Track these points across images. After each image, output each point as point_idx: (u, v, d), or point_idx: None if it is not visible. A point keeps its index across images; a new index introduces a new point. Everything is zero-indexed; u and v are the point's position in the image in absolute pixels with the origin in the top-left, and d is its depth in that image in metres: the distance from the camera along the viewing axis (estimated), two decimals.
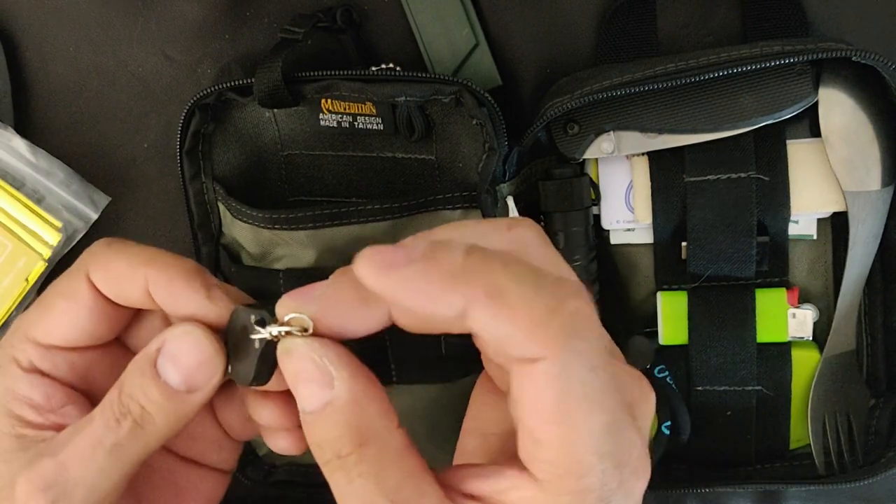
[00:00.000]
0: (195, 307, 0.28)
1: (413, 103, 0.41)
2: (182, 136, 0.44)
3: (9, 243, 0.46)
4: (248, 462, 0.49)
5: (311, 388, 0.24)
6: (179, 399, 0.27)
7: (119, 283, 0.28)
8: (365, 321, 0.24)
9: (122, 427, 0.26)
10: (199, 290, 0.28)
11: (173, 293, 0.28)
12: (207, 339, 0.27)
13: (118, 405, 0.27)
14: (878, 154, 0.40)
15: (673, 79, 0.38)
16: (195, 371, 0.27)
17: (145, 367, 0.27)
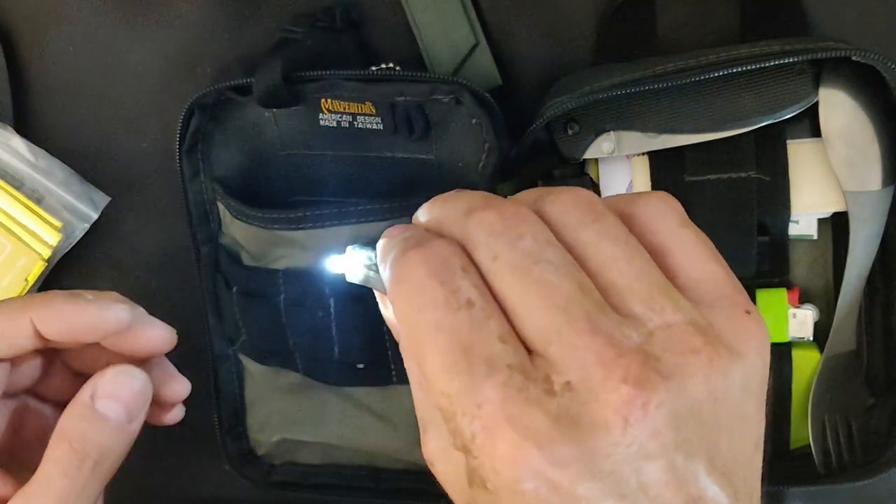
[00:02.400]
0: (91, 320, 0.30)
1: (413, 103, 0.41)
2: (181, 136, 0.44)
3: (8, 243, 0.46)
4: (247, 463, 0.49)
5: None
6: (127, 430, 0.30)
7: (3, 341, 0.30)
8: None
9: (82, 472, 0.29)
10: (87, 305, 0.31)
11: (65, 321, 0.30)
12: (138, 372, 0.31)
13: (73, 455, 0.29)
14: (879, 154, 0.40)
15: (673, 79, 0.38)
16: (134, 403, 0.30)
17: (88, 413, 0.30)
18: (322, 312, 0.44)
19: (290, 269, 0.44)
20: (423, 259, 0.23)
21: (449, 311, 0.22)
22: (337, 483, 0.48)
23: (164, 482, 0.53)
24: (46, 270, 0.48)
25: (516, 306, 0.22)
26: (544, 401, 0.21)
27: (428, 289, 0.23)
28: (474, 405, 0.21)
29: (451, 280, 0.23)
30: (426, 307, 0.22)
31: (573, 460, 0.20)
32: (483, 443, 0.21)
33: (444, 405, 0.22)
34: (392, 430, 0.46)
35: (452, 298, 0.22)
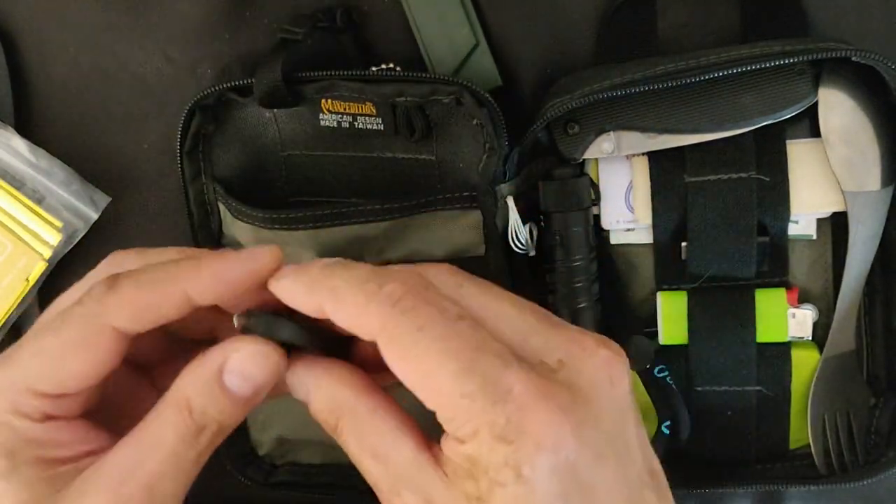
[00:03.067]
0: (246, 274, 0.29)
1: (413, 103, 0.41)
2: (182, 137, 0.44)
3: (9, 243, 0.46)
4: (248, 463, 0.49)
5: (300, 395, 0.29)
6: (250, 403, 0.29)
7: (150, 314, 0.29)
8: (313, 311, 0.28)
9: (201, 441, 0.28)
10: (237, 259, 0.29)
11: (223, 283, 0.29)
12: (277, 356, 0.29)
13: (192, 423, 0.28)
14: (878, 154, 0.40)
15: (673, 79, 0.38)
16: (264, 384, 0.29)
17: (214, 386, 0.28)
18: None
19: None
20: (414, 285, 0.25)
21: (448, 323, 0.25)
22: (338, 483, 0.48)
23: None
24: (47, 270, 0.48)
25: (491, 315, 0.26)
26: (553, 377, 0.24)
27: (424, 309, 0.25)
28: (504, 392, 0.23)
29: (437, 301, 0.25)
30: (427, 325, 0.24)
31: (586, 424, 0.23)
32: (520, 422, 0.23)
33: (465, 406, 0.23)
34: None
35: (447, 314, 0.25)
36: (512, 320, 0.26)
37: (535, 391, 0.23)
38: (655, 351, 0.43)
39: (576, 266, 0.42)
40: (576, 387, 0.24)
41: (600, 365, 0.25)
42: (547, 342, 0.25)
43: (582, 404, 0.24)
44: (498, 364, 0.24)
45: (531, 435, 0.23)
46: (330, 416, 0.28)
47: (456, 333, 0.24)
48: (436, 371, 0.24)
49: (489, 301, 0.26)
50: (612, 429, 0.24)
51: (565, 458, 0.23)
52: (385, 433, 0.27)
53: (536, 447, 0.23)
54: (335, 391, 0.28)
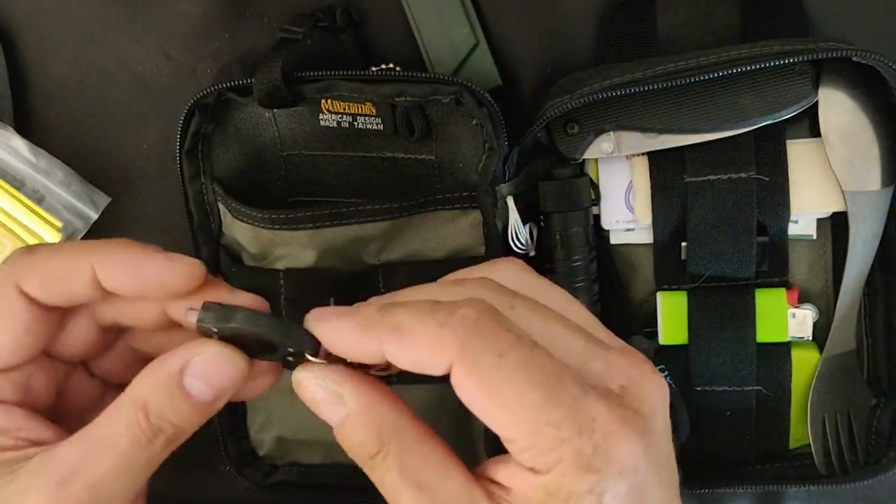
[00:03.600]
0: (157, 272, 0.28)
1: (413, 103, 0.41)
2: (182, 137, 0.44)
3: (9, 243, 0.46)
4: (247, 463, 0.49)
5: (328, 409, 0.27)
6: (209, 409, 0.28)
7: (60, 283, 0.28)
8: (365, 353, 0.27)
9: (155, 445, 0.27)
10: (155, 255, 0.28)
11: (128, 269, 0.28)
12: (241, 360, 0.28)
13: (147, 426, 0.27)
14: (878, 154, 0.40)
15: (673, 79, 0.38)
16: (226, 389, 0.28)
17: (173, 388, 0.27)
18: None
19: (290, 270, 0.44)
20: (485, 312, 0.25)
21: (528, 351, 0.24)
22: (338, 483, 0.48)
23: (165, 483, 0.52)
24: None
25: (548, 339, 0.25)
26: (624, 403, 0.25)
27: (504, 335, 0.24)
28: (589, 420, 0.23)
29: (511, 326, 0.25)
30: (508, 351, 0.24)
31: (651, 450, 0.24)
32: (607, 450, 0.23)
33: (550, 435, 0.23)
34: None
35: (525, 342, 0.24)
36: (568, 344, 0.26)
37: (617, 420, 0.24)
38: (655, 351, 0.43)
39: (576, 266, 0.42)
40: (641, 411, 0.25)
41: (657, 389, 0.26)
42: (608, 367, 0.25)
43: (649, 428, 0.25)
44: (579, 393, 0.24)
45: (617, 463, 0.23)
46: (373, 438, 0.27)
47: (536, 361, 0.24)
48: (519, 399, 0.24)
49: (543, 324, 0.26)
50: (664, 448, 0.25)
51: (639, 482, 0.24)
52: (433, 462, 0.26)
53: (620, 474, 0.24)
54: (385, 411, 0.27)
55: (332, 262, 0.44)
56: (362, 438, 0.27)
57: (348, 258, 0.44)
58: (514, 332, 0.25)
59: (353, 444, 0.27)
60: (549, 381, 0.24)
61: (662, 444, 0.25)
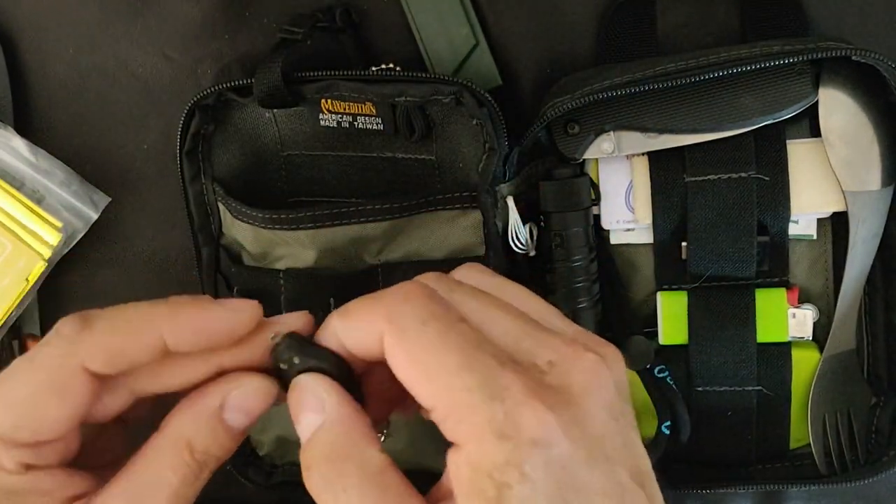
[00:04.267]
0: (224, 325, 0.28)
1: (413, 103, 0.41)
2: (182, 137, 0.44)
3: (9, 243, 0.46)
4: (249, 463, 0.49)
5: (307, 417, 0.27)
6: (244, 435, 0.29)
7: (127, 357, 0.28)
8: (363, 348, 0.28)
9: (201, 479, 0.28)
10: (216, 308, 0.29)
11: (197, 331, 0.28)
12: (274, 388, 0.29)
13: (194, 463, 0.28)
14: (878, 154, 0.40)
15: (673, 79, 0.38)
16: (262, 413, 0.29)
17: (216, 425, 0.28)
18: (323, 312, 0.43)
19: (290, 270, 0.44)
20: (418, 287, 0.26)
21: (451, 321, 0.25)
22: None
23: None
24: (47, 271, 0.48)
25: (485, 319, 0.26)
26: (543, 379, 0.25)
27: (430, 306, 0.26)
28: (501, 388, 0.24)
29: (443, 302, 0.26)
30: (430, 319, 0.25)
31: (574, 424, 0.24)
32: (516, 418, 0.23)
33: (464, 399, 0.24)
34: (393, 429, 0.46)
35: (450, 314, 0.26)
36: (501, 325, 0.26)
37: (527, 390, 0.24)
38: (655, 351, 0.43)
39: (576, 266, 0.42)
40: (564, 388, 0.25)
41: (588, 368, 0.26)
42: (538, 344, 0.26)
43: (570, 405, 0.24)
44: (495, 363, 0.24)
45: (526, 431, 0.23)
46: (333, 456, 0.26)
47: (457, 329, 0.25)
48: (437, 365, 0.25)
49: (479, 306, 0.27)
50: (601, 431, 0.25)
51: (557, 456, 0.24)
52: (398, 494, 0.26)
53: (532, 443, 0.23)
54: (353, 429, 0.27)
55: (332, 262, 0.44)
56: (327, 452, 0.26)
57: (348, 258, 0.44)
58: (442, 305, 0.26)
59: (314, 458, 0.27)
60: (467, 349, 0.25)
61: (598, 428, 0.25)
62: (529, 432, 0.23)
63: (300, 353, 0.28)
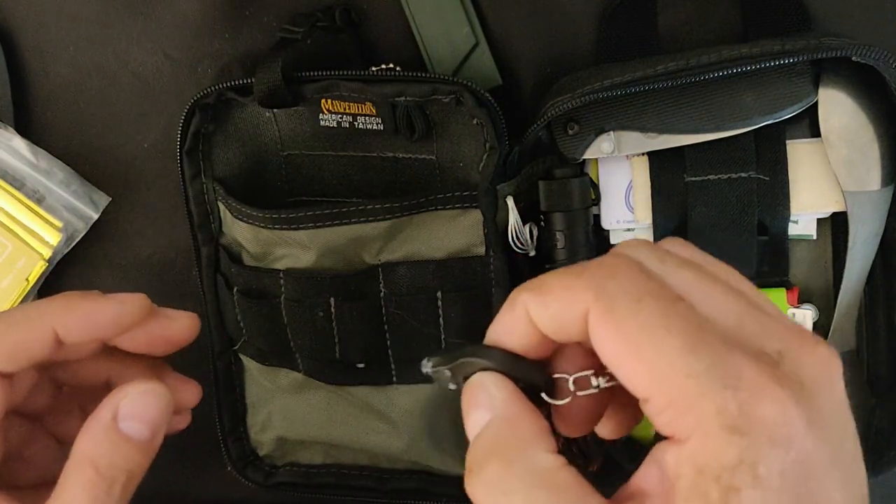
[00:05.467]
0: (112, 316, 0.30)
1: (413, 103, 0.41)
2: (182, 136, 0.44)
3: (9, 243, 0.46)
4: (248, 463, 0.49)
5: (475, 414, 0.25)
6: (151, 446, 0.29)
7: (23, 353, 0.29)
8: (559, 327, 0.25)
9: (113, 494, 0.28)
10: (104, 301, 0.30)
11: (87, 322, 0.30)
12: (162, 388, 0.29)
13: (101, 480, 0.28)
14: (878, 154, 0.40)
15: (673, 78, 0.38)
16: (159, 420, 0.29)
17: (114, 437, 0.29)
18: (323, 312, 0.44)
19: (290, 269, 0.44)
20: (625, 261, 0.23)
21: (669, 300, 0.22)
22: (339, 483, 0.48)
23: (166, 484, 0.53)
24: (47, 271, 0.48)
25: (700, 296, 0.23)
26: (777, 366, 0.21)
27: (643, 281, 0.23)
28: (734, 375, 0.21)
29: (656, 277, 0.23)
30: (646, 296, 0.22)
31: (816, 423, 0.21)
32: (754, 409, 0.20)
33: (690, 388, 0.21)
34: (393, 429, 0.46)
35: (666, 291, 0.22)
36: (720, 303, 0.23)
37: (767, 377, 0.21)
38: None
39: None
40: (801, 380, 0.21)
41: (820, 362, 0.22)
42: (763, 329, 0.22)
43: (809, 401, 0.21)
44: (723, 348, 0.21)
45: (766, 427, 0.20)
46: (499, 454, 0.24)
47: (677, 310, 0.22)
48: (655, 347, 0.21)
49: (695, 280, 0.23)
50: (836, 435, 0.21)
51: (796, 460, 0.20)
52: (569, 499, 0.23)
53: (770, 441, 0.20)
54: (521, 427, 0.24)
55: (333, 262, 0.44)
56: (490, 450, 0.24)
57: (348, 258, 0.44)
58: (655, 281, 0.23)
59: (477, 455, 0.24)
60: (690, 331, 0.21)
61: (833, 431, 0.21)
62: (768, 427, 0.20)
63: (471, 353, 0.26)
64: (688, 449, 0.21)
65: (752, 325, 0.22)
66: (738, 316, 0.23)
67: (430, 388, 0.45)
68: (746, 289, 0.24)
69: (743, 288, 0.24)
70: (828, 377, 0.22)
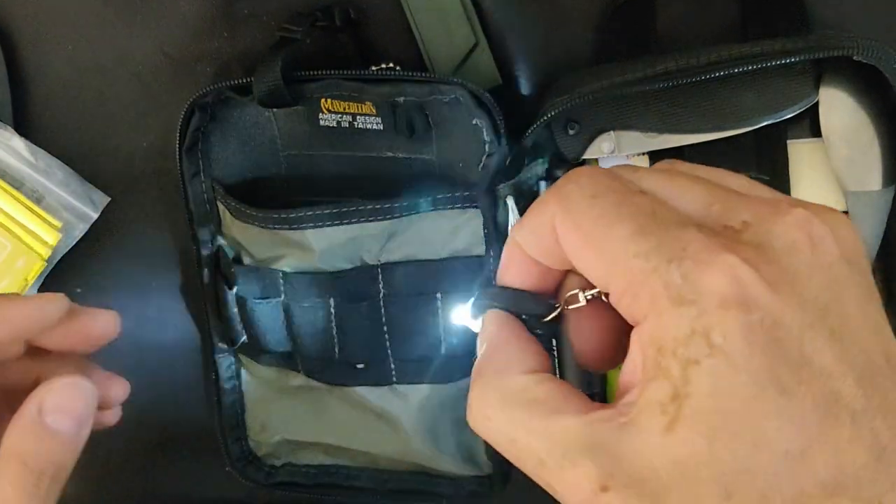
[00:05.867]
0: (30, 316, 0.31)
1: (413, 103, 0.41)
2: (181, 136, 0.44)
3: (8, 243, 0.46)
4: (248, 463, 0.49)
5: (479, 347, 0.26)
6: (77, 440, 0.30)
7: None
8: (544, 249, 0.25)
9: (41, 489, 0.29)
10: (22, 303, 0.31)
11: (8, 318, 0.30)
12: (86, 382, 0.30)
13: (29, 474, 0.28)
14: (879, 154, 0.40)
15: (673, 78, 0.38)
16: (84, 413, 0.30)
17: (38, 430, 0.29)
18: (322, 312, 0.44)
19: (290, 270, 0.44)
20: (589, 169, 0.23)
21: (627, 193, 0.22)
22: (338, 483, 0.48)
23: (166, 483, 0.53)
24: (46, 270, 0.48)
25: (671, 193, 0.22)
26: (737, 237, 0.20)
27: (601, 181, 0.23)
28: (679, 249, 0.20)
29: (619, 177, 0.23)
30: (602, 192, 0.22)
31: (783, 283, 0.19)
32: (697, 277, 0.20)
33: (638, 266, 0.20)
34: (393, 429, 0.46)
35: (626, 187, 0.22)
36: (690, 194, 0.22)
37: (712, 245, 0.20)
38: None
39: None
40: (765, 245, 0.20)
41: (795, 223, 0.21)
42: (731, 206, 0.21)
43: (774, 262, 0.20)
44: (674, 226, 0.21)
45: (712, 293, 0.19)
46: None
47: (631, 201, 0.22)
48: (606, 234, 0.21)
49: (665, 180, 0.23)
50: (819, 297, 0.20)
51: (761, 320, 0.19)
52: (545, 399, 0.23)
53: (722, 304, 0.19)
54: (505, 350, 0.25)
55: (332, 262, 0.44)
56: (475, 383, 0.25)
57: (348, 258, 0.44)
58: (617, 179, 0.23)
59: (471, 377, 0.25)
60: (641, 216, 0.21)
61: (814, 294, 0.20)
62: (715, 293, 0.19)
63: (481, 296, 0.27)
64: (646, 330, 0.20)
65: (719, 206, 0.22)
66: (705, 201, 0.22)
67: (430, 388, 0.45)
68: (735, 182, 0.23)
69: (732, 181, 0.23)
70: (805, 238, 0.20)
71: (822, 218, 0.21)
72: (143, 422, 0.52)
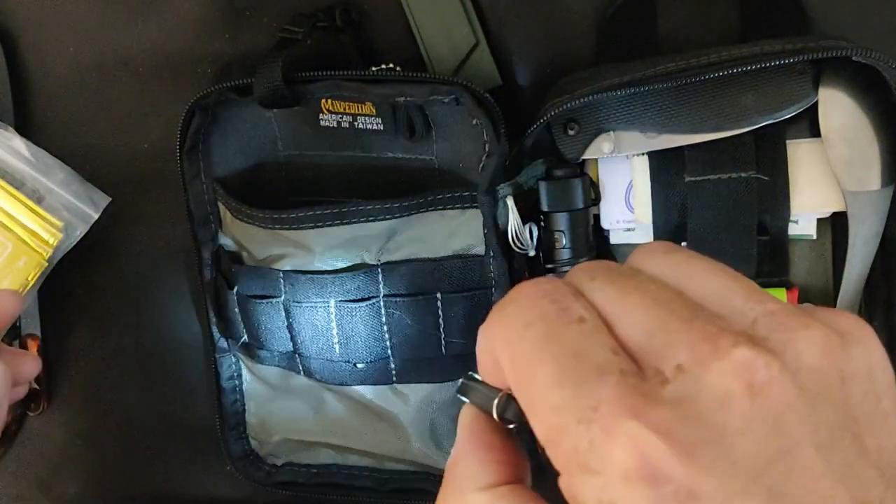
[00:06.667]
0: None
1: (413, 104, 0.41)
2: (182, 136, 0.44)
3: (9, 243, 0.46)
4: (248, 463, 0.49)
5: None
6: None
7: None
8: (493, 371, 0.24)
9: None
10: None
11: None
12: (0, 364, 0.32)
13: None
14: (878, 154, 0.40)
15: (673, 79, 0.38)
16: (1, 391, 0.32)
17: None
18: (322, 312, 0.44)
19: (290, 269, 0.44)
20: (533, 285, 0.22)
21: (560, 323, 0.20)
22: (339, 483, 0.48)
23: (167, 483, 0.53)
24: (47, 270, 0.48)
25: (618, 313, 0.21)
26: (660, 390, 0.18)
27: (538, 305, 0.21)
28: (589, 409, 0.18)
29: (562, 300, 0.21)
30: (535, 321, 0.20)
31: (703, 446, 0.17)
32: (603, 447, 0.18)
33: (552, 422, 0.19)
34: (393, 429, 0.46)
35: (564, 315, 0.20)
36: (638, 317, 0.20)
37: (623, 408, 0.18)
38: None
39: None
40: (688, 401, 0.18)
41: (732, 370, 0.18)
42: (671, 342, 0.19)
43: (694, 423, 0.18)
44: (594, 375, 0.19)
45: (616, 464, 0.18)
46: None
47: (559, 337, 0.20)
48: (531, 378, 0.20)
49: (617, 296, 0.21)
50: (758, 454, 0.17)
51: (674, 493, 0.17)
52: None
53: (626, 478, 0.18)
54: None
55: (333, 262, 0.44)
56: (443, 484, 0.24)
57: (348, 258, 0.44)
58: (557, 303, 0.21)
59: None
60: (564, 356, 0.19)
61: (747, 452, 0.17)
62: (620, 465, 0.18)
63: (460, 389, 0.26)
64: (565, 484, 0.19)
65: (660, 340, 0.19)
66: (648, 329, 0.20)
67: (430, 387, 0.45)
68: (711, 288, 0.21)
69: (708, 287, 0.21)
70: (741, 387, 0.18)
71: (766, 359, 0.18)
72: (143, 421, 0.52)
